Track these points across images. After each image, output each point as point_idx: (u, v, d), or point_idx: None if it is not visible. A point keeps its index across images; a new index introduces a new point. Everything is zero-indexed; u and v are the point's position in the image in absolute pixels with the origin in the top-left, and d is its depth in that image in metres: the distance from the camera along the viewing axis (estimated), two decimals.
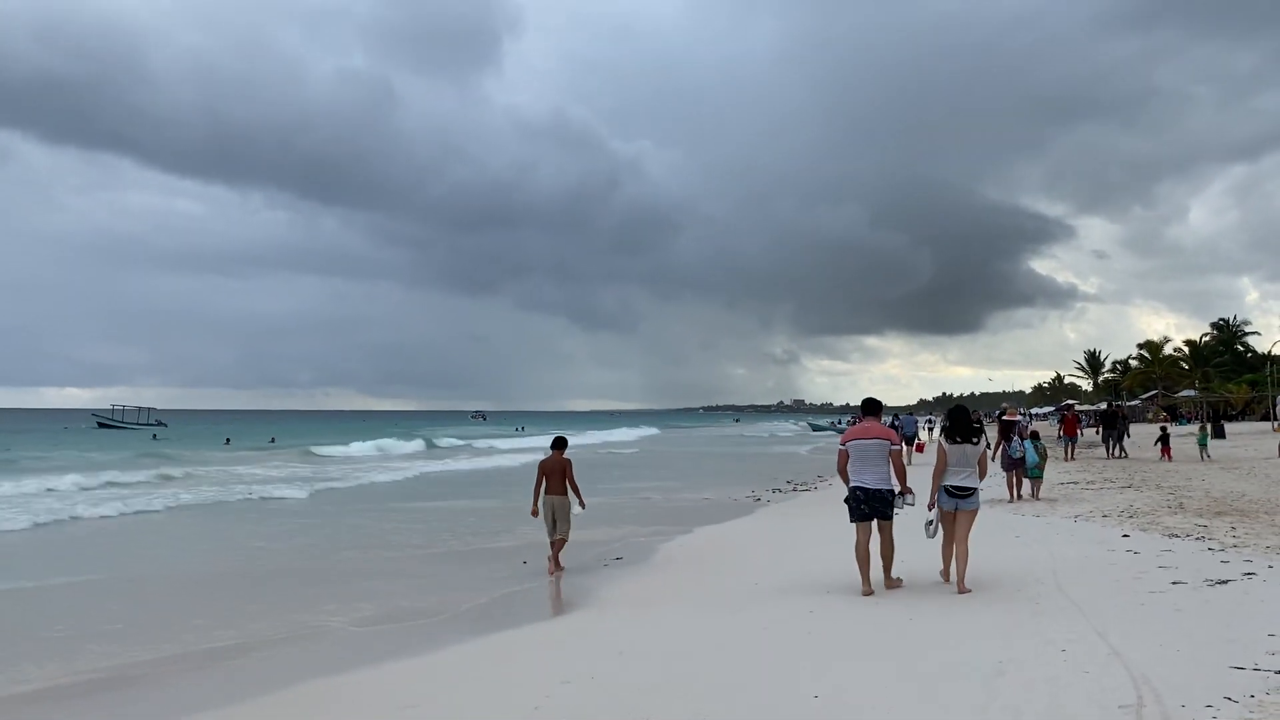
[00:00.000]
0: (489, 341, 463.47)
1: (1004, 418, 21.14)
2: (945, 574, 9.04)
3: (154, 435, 65.53)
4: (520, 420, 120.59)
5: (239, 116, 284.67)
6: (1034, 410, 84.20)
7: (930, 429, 47.45)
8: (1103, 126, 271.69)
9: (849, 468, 8.87)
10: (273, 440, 68.38)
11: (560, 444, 12.10)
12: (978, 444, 8.86)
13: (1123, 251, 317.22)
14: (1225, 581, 8.19)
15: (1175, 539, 10.90)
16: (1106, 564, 9.54)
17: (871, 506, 8.77)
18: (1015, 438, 17.36)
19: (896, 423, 33.54)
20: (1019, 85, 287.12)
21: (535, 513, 11.76)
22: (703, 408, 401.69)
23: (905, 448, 25.40)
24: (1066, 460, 26.52)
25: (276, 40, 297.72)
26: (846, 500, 8.98)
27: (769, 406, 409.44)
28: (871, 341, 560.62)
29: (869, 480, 8.78)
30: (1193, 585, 8.14)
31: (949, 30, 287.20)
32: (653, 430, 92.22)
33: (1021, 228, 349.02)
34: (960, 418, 8.97)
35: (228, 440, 67.04)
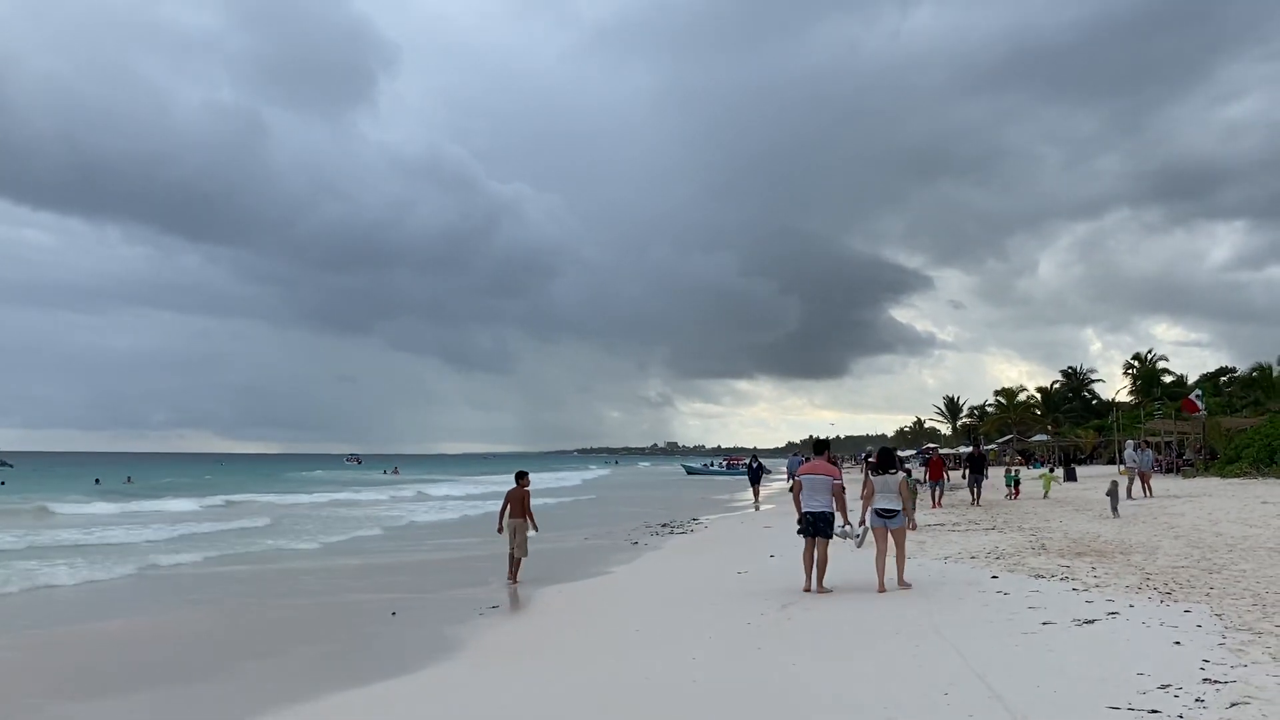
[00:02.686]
0: (359, 382, 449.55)
1: (869, 460, 22.73)
2: (880, 586, 10.75)
3: (1, 481, 60.87)
4: (393, 463, 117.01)
5: (99, 147, 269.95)
6: (898, 453, 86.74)
7: None
8: (958, 183, 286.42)
9: (801, 496, 11.15)
10: (129, 479, 65.29)
11: (523, 477, 14.44)
12: (896, 474, 11.19)
13: (977, 302, 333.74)
14: (1092, 621, 8.43)
15: (1041, 580, 11.22)
16: (979, 605, 9.73)
17: (815, 526, 11.03)
18: None
19: (755, 464, 34.62)
20: (881, 142, 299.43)
21: (500, 530, 14.08)
22: (578, 450, 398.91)
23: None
24: (934, 506, 26.62)
25: (141, 70, 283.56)
26: (798, 521, 11.19)
27: (643, 449, 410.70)
28: (743, 385, 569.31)
29: (814, 506, 11.07)
30: (1062, 625, 8.34)
31: (815, 86, 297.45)
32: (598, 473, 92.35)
33: (883, 278, 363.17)
34: (885, 456, 11.41)
35: (97, 480, 63.34)
